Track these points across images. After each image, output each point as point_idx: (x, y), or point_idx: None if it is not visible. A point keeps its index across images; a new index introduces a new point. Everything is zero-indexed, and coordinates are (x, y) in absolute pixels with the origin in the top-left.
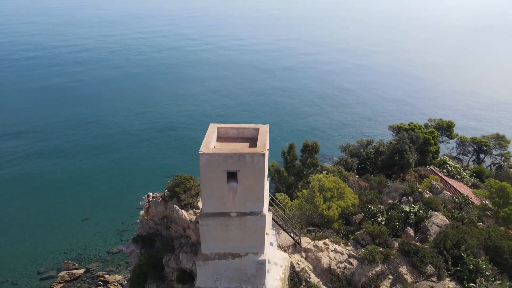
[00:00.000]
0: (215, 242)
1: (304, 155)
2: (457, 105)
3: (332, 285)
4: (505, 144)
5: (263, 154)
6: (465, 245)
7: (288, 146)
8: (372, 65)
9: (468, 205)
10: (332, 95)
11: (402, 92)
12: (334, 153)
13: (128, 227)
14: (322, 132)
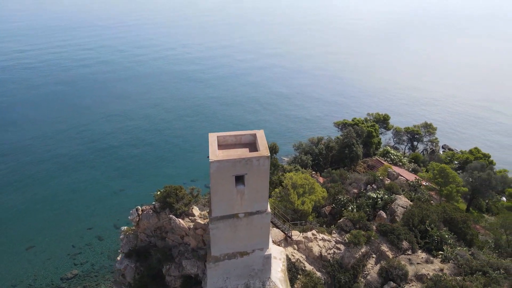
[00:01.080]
0: (225, 243)
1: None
2: (382, 100)
3: (325, 270)
4: (433, 131)
5: (268, 157)
6: (429, 220)
7: None
8: (304, 68)
9: (420, 187)
10: (271, 100)
11: (334, 92)
12: (290, 152)
13: (81, 249)
14: (269, 136)
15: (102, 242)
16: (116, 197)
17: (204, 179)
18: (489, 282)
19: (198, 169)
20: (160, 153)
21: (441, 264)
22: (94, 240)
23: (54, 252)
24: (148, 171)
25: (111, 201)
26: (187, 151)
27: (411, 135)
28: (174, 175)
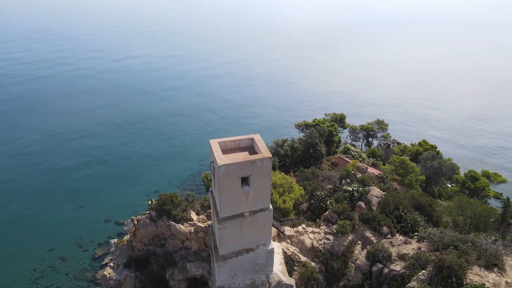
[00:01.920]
0: (232, 242)
1: None
2: (333, 102)
3: (318, 259)
4: (385, 127)
5: (270, 158)
6: (402, 207)
7: None
8: (254, 74)
9: (387, 178)
10: (226, 108)
11: (286, 97)
12: None
13: (43, 272)
14: None
15: (66, 262)
16: (74, 217)
17: (167, 190)
18: (461, 254)
19: (158, 182)
20: (115, 170)
21: (418, 244)
22: (56, 262)
23: (14, 278)
24: (105, 188)
25: (69, 221)
26: (143, 166)
27: (366, 132)
28: (132, 191)
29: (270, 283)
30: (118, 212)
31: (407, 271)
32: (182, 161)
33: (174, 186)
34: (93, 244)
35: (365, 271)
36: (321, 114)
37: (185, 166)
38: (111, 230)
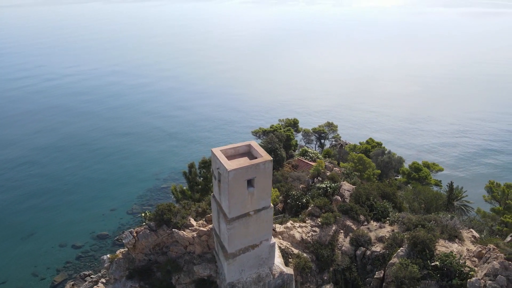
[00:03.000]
0: (239, 240)
1: (204, 170)
2: (279, 110)
3: (308, 250)
4: (335, 128)
5: (271, 160)
6: (372, 197)
7: (188, 166)
8: (200, 88)
9: (353, 173)
10: (174, 124)
11: (232, 108)
12: None
13: None
14: (190, 157)
15: None
16: (25, 247)
17: (125, 207)
18: (428, 230)
19: (113, 201)
20: (64, 195)
21: (391, 227)
22: None
23: None
24: (56, 216)
25: (21, 252)
26: (94, 188)
27: (318, 134)
28: (86, 213)
29: (273, 275)
30: (73, 236)
31: (387, 251)
32: (135, 179)
33: (132, 202)
34: (50, 271)
35: (351, 255)
36: (270, 123)
37: (140, 183)
38: (69, 254)
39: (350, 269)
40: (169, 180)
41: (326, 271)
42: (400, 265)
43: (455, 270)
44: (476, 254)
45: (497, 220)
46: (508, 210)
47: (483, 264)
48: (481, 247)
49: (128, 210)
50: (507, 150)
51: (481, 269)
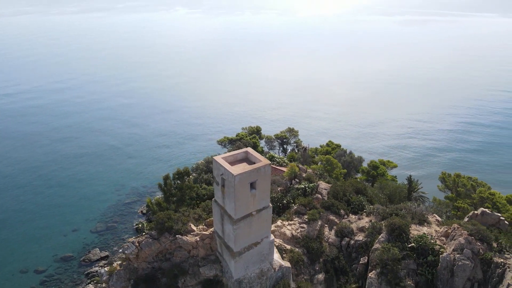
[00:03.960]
0: (244, 238)
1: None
2: (234, 120)
3: (299, 245)
4: (296, 133)
5: (270, 164)
6: (348, 192)
7: (163, 178)
8: (155, 103)
9: (324, 174)
10: (134, 143)
11: (191, 120)
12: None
13: None
14: (161, 170)
15: None
16: None
17: (87, 226)
18: (401, 217)
19: (74, 220)
20: (10, 230)
21: (368, 218)
22: None
23: None
24: (7, 247)
25: None
26: (43, 220)
27: (281, 140)
28: (45, 237)
29: (274, 269)
30: (35, 261)
31: (368, 238)
32: (95, 198)
33: (95, 221)
34: None
35: (337, 246)
36: (230, 134)
37: (101, 202)
38: (32, 280)
39: (338, 258)
40: (131, 195)
41: (317, 262)
42: (383, 249)
43: (429, 248)
44: (443, 233)
45: (451, 206)
46: (459, 196)
47: (450, 241)
48: (447, 227)
49: (92, 229)
50: (449, 148)
51: (449, 246)
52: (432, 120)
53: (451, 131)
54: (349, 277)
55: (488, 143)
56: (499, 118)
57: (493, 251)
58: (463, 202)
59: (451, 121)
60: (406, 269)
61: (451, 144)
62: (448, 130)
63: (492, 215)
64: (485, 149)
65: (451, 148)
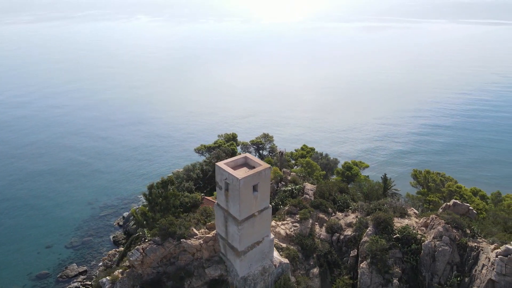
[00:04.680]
0: (247, 238)
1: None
2: (206, 130)
3: (294, 242)
4: (271, 139)
5: (270, 167)
6: (333, 192)
7: (148, 188)
8: (124, 116)
9: (308, 175)
10: (103, 157)
11: (163, 131)
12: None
13: None
14: (126, 178)
15: None
16: None
17: (62, 241)
18: (384, 211)
19: (47, 237)
20: None
21: (354, 214)
22: None
23: None
24: None
25: None
26: (13, 240)
27: (256, 145)
28: (12, 262)
29: (275, 265)
30: (8, 281)
31: (356, 233)
32: (68, 213)
33: (69, 236)
34: None
35: (328, 241)
36: (204, 143)
37: (75, 216)
38: None
39: (330, 253)
40: (106, 208)
41: (311, 258)
42: (371, 241)
43: (412, 238)
44: (423, 224)
45: (422, 200)
46: (430, 191)
47: (430, 230)
48: (425, 218)
49: (67, 244)
50: (416, 150)
51: (429, 234)
52: (398, 123)
53: (416, 134)
54: (341, 269)
55: (450, 144)
56: (458, 119)
57: (467, 237)
58: (434, 196)
59: (416, 123)
60: (393, 257)
61: (417, 146)
62: (413, 133)
63: (462, 205)
64: (448, 149)
65: (417, 149)
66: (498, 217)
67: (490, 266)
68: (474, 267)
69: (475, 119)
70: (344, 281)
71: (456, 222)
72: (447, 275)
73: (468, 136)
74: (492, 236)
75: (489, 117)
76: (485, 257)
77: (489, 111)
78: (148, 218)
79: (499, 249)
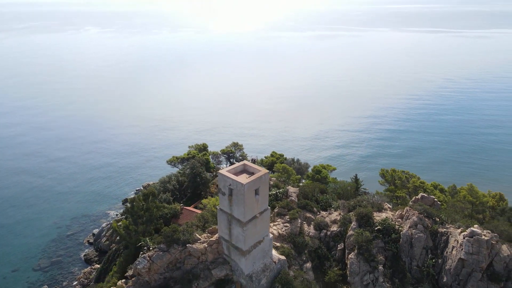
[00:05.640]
0: (251, 238)
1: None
2: (172, 145)
3: (286, 241)
4: (241, 147)
5: (268, 172)
6: (316, 193)
7: (130, 201)
8: (81, 134)
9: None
10: (53, 181)
11: (126, 148)
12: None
13: None
14: (101, 192)
15: None
16: None
17: (29, 263)
18: (364, 207)
19: (11, 261)
20: None
21: (336, 212)
22: None
23: None
24: None
25: None
26: None
27: (227, 154)
28: None
29: (274, 262)
30: None
31: (341, 228)
32: (32, 235)
33: (36, 258)
34: None
35: (317, 238)
36: (167, 156)
37: (38, 235)
38: None
39: (320, 248)
40: (73, 226)
41: (303, 253)
42: (357, 234)
43: (391, 228)
44: (398, 216)
45: (390, 197)
46: (397, 187)
47: (405, 221)
48: (401, 210)
49: (34, 266)
50: (376, 154)
51: (405, 224)
52: (359, 129)
53: (376, 139)
54: (331, 262)
55: (407, 147)
56: (412, 123)
57: (437, 224)
58: (401, 192)
59: (375, 129)
60: (377, 247)
61: (378, 150)
62: (374, 138)
63: (429, 198)
64: (406, 152)
65: (379, 153)
66: (456, 207)
67: (459, 247)
68: (445, 250)
69: (427, 122)
70: (335, 272)
71: (427, 212)
72: (424, 259)
73: (422, 138)
74: (457, 222)
75: (438, 120)
76: (454, 240)
77: (437, 114)
78: (131, 231)
79: (465, 232)
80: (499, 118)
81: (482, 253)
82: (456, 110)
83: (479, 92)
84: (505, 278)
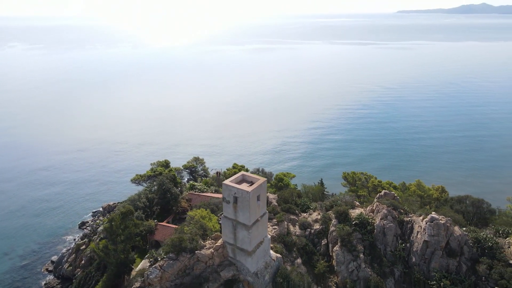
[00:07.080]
0: (255, 239)
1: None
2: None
3: (277, 241)
4: (202, 161)
5: (266, 180)
6: (294, 197)
7: (109, 220)
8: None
9: None
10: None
11: (77, 176)
12: None
13: None
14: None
15: None
16: None
17: None
18: (339, 206)
19: None
20: None
21: (316, 212)
22: None
23: None
24: None
25: None
26: None
27: (189, 169)
28: None
29: (273, 260)
30: None
31: (323, 226)
32: None
33: (11, 286)
34: None
35: (303, 236)
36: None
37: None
38: None
39: (307, 245)
40: (27, 256)
41: (293, 251)
42: (338, 229)
43: (366, 222)
44: (370, 210)
45: (354, 196)
46: (357, 188)
47: (377, 214)
48: (371, 206)
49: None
50: (335, 163)
51: (377, 217)
52: (311, 141)
53: (328, 149)
54: (317, 256)
55: (358, 156)
56: (358, 132)
57: (403, 214)
58: (362, 191)
59: (324, 139)
60: (356, 239)
61: (334, 159)
62: (326, 148)
63: (390, 193)
64: (358, 161)
65: (336, 162)
66: (409, 200)
67: (422, 232)
68: (411, 235)
69: (369, 130)
70: (322, 265)
71: (393, 205)
72: (395, 245)
73: (368, 147)
74: (416, 211)
75: (376, 128)
76: (418, 226)
77: (375, 123)
78: (110, 250)
79: (427, 218)
80: (426, 124)
81: (441, 234)
82: (390, 118)
83: (408, 100)
84: (459, 253)
